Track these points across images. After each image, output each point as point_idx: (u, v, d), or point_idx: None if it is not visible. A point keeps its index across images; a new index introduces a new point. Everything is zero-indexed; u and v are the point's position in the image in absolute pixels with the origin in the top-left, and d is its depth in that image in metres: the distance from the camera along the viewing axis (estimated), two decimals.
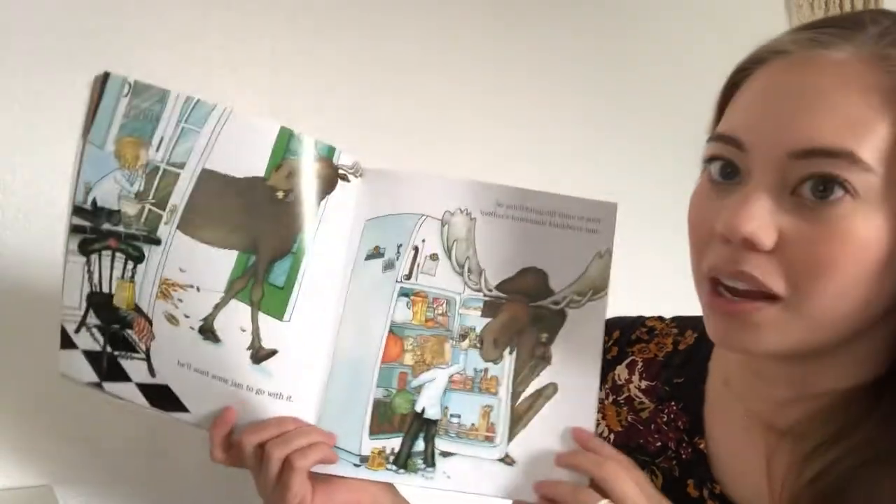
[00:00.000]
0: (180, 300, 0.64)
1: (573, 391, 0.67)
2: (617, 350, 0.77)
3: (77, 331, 0.66)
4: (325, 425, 0.67)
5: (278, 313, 0.65)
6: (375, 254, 0.69)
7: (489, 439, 0.67)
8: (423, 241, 0.69)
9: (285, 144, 0.64)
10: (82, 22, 0.96)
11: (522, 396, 0.68)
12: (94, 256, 0.64)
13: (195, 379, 0.66)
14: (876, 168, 0.51)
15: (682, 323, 0.76)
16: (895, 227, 0.51)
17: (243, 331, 0.65)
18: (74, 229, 0.64)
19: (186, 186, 0.63)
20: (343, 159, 0.67)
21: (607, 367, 0.76)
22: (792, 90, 0.53)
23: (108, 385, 0.67)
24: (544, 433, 0.66)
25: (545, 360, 0.68)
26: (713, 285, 0.57)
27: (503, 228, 0.69)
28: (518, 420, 0.67)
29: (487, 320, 0.69)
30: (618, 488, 0.59)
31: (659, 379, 0.73)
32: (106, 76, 0.62)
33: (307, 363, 0.67)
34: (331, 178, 0.66)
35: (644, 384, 0.73)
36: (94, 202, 0.63)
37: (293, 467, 0.63)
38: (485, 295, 0.69)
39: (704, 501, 0.65)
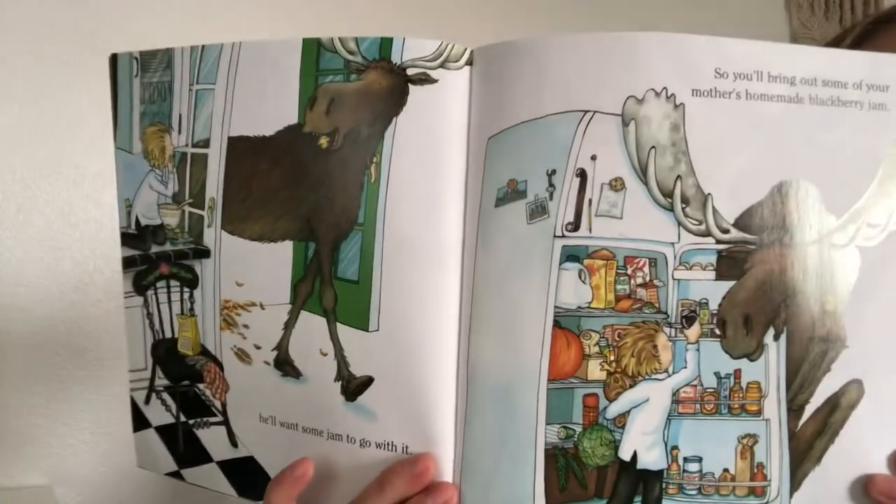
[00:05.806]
0: (246, 326, 0.46)
1: (893, 389, 0.37)
2: None
3: (147, 401, 0.50)
4: (467, 489, 0.41)
5: (361, 322, 0.43)
6: (512, 192, 0.42)
7: (757, 492, 0.38)
8: (594, 158, 0.40)
9: (314, 62, 0.43)
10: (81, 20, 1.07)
11: (807, 411, 0.38)
12: (149, 293, 0.49)
13: (283, 439, 0.45)
14: None
15: None
16: None
17: (325, 355, 0.44)
18: (127, 263, 0.50)
19: (218, 169, 0.46)
20: (412, 51, 0.41)
21: None
22: None
23: (188, 473, 0.49)
24: (852, 472, 0.37)
25: (836, 340, 0.38)
26: None
27: (734, 116, 0.39)
28: (804, 454, 0.38)
29: (728, 285, 0.39)
30: None
31: None
32: (114, 58, 0.49)
33: (420, 393, 0.42)
34: (396, 87, 0.42)
35: None
36: (137, 222, 0.49)
37: None
38: (718, 241, 0.39)
39: None
